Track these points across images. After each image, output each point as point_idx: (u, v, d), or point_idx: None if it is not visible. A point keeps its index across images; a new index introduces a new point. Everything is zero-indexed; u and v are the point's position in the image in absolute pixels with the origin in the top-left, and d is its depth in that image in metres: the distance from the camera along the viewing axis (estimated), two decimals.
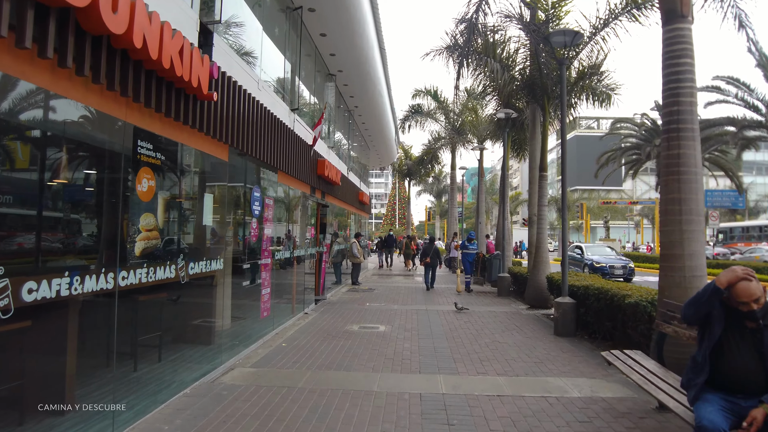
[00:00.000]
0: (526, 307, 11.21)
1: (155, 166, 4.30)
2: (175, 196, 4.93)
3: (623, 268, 18.59)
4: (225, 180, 6.05)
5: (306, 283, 10.73)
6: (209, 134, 5.16)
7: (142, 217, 4.13)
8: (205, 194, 5.38)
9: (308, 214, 10.55)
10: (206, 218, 5.35)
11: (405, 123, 27.24)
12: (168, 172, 4.73)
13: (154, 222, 4.28)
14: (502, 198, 15.85)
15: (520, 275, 12.93)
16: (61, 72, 3.18)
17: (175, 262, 4.63)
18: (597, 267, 18.59)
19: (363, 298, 12.54)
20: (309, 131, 10.05)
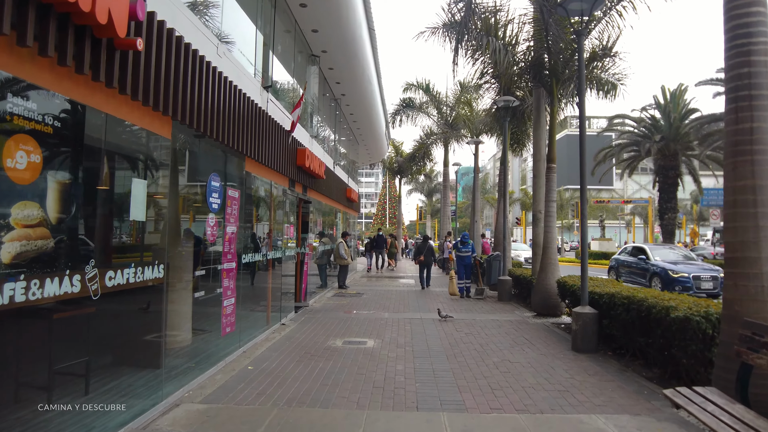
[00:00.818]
0: (533, 314, 10.01)
1: (43, 136, 3.00)
2: (88, 181, 3.63)
3: (713, 281, 12.97)
4: (168, 164, 4.75)
5: (285, 289, 9.44)
6: (139, 100, 3.87)
7: (17, 206, 2.83)
8: (134, 180, 4.07)
9: (287, 211, 9.27)
10: (136, 212, 4.04)
11: (396, 117, 26.03)
12: (70, 147, 3.43)
13: (39, 214, 2.98)
14: (503, 192, 14.65)
15: (522, 278, 11.74)
16: None
17: (82, 270, 3.33)
18: (674, 278, 13.13)
19: (350, 304, 11.27)
20: (287, 115, 8.77)
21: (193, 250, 5.52)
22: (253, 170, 7.02)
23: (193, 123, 4.77)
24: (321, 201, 12.53)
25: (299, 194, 10.04)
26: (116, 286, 3.74)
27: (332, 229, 15.08)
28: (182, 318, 5.63)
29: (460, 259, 12.89)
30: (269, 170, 7.65)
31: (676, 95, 28.37)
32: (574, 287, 7.93)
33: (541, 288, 9.71)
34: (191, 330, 5.76)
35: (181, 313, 5.55)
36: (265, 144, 7.19)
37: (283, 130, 8.27)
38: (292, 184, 9.28)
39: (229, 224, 6.08)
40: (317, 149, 11.60)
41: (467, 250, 12.79)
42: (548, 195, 9.94)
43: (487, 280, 12.98)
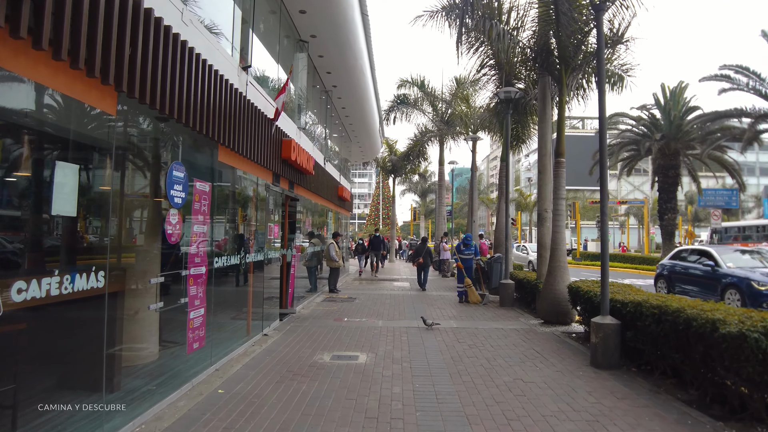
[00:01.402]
0: (539, 321, 9.20)
1: None
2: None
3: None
4: (112, 145, 3.87)
5: (269, 295, 8.57)
6: (64, 60, 3.00)
7: None
8: (59, 165, 3.19)
9: (270, 209, 8.39)
10: (61, 205, 3.16)
11: (390, 114, 25.17)
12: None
13: None
14: (504, 191, 13.84)
15: (526, 282, 10.93)
16: None
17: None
18: (761, 293, 10.04)
19: (341, 310, 10.40)
20: (270, 102, 7.90)
21: (160, 253, 4.65)
22: (229, 161, 6.14)
23: (145, 98, 3.89)
24: (310, 199, 11.66)
25: (285, 191, 9.17)
26: (29, 301, 2.86)
27: (323, 230, 14.21)
28: (145, 331, 4.78)
29: (462, 262, 12.08)
30: (248, 162, 6.78)
31: (676, 93, 27.77)
32: (590, 294, 7.12)
33: (549, 293, 8.90)
34: (158, 343, 4.91)
35: (143, 325, 4.70)
36: (244, 132, 6.32)
37: (266, 118, 7.40)
38: (277, 179, 8.41)
39: (197, 223, 5.21)
40: (306, 143, 10.74)
41: (470, 252, 12.02)
42: (557, 192, 9.13)
43: (489, 284, 12.16)
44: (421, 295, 13.30)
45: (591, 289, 7.24)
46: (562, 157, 9.22)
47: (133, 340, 4.58)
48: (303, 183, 10.25)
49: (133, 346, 4.67)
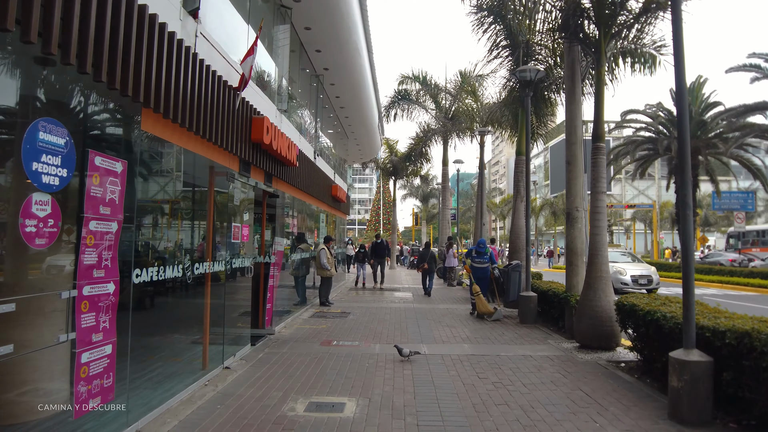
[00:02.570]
0: (574, 345, 7.43)
1: None
2: None
3: None
4: None
5: (237, 313, 6.82)
6: None
7: None
8: None
9: (237, 205, 6.65)
10: None
11: (390, 111, 23.48)
12: None
13: None
14: (525, 186, 12.07)
15: (552, 295, 9.16)
16: None
17: None
18: None
19: (330, 329, 8.62)
20: (234, 67, 6.18)
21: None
22: (163, 132, 4.40)
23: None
24: (295, 196, 9.90)
25: (259, 184, 7.43)
26: None
27: (314, 234, 12.45)
28: (45, 370, 3.13)
29: (474, 271, 10.51)
30: (197, 139, 5.04)
31: (694, 88, 26.06)
32: (654, 315, 5.35)
33: (587, 311, 7.11)
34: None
35: (42, 363, 3.05)
36: (190, 97, 4.59)
37: (227, 86, 5.67)
38: (246, 168, 6.66)
39: (98, 217, 3.46)
40: (289, 129, 9.01)
41: (484, 261, 10.45)
42: (596, 184, 7.38)
43: (506, 297, 10.37)
44: (426, 308, 11.53)
45: (655, 309, 5.47)
46: (602, 141, 7.48)
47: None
48: (285, 177, 8.51)
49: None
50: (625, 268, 16.27)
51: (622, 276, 15.75)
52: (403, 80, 23.42)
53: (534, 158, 75.92)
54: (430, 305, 12.12)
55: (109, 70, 3.40)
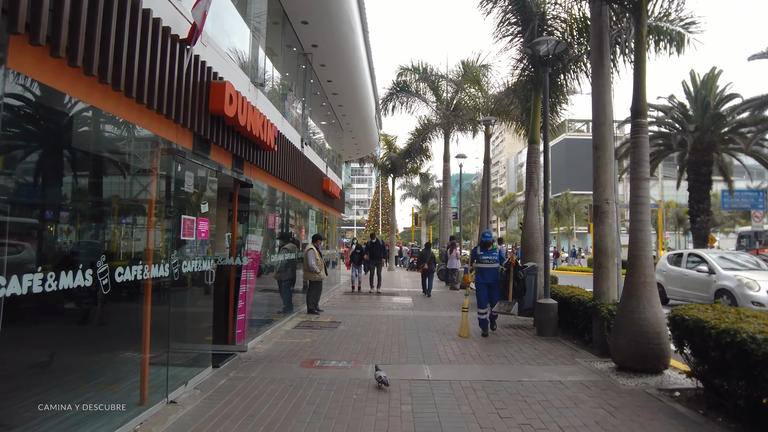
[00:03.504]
0: (610, 366, 6.08)
1: None
2: None
3: None
4: None
5: (195, 328, 5.49)
6: None
7: None
8: None
9: (193, 194, 5.29)
10: None
11: (388, 104, 22.20)
12: None
13: None
14: (542, 173, 10.70)
15: (576, 303, 7.81)
16: None
17: None
18: None
19: (315, 344, 7.26)
20: (183, 14, 4.83)
21: None
22: (52, 78, 3.05)
23: None
24: (276, 188, 8.53)
25: (225, 169, 6.08)
26: None
27: (301, 232, 11.09)
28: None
29: (480, 274, 8.35)
30: (120, 98, 3.69)
31: (708, 80, 24.77)
32: (739, 337, 3.99)
33: (629, 324, 5.75)
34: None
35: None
36: (102, 33, 3.26)
37: (169, 35, 4.33)
38: (204, 147, 5.32)
39: None
40: (267, 107, 7.67)
41: (492, 258, 8.20)
42: (637, 169, 6.02)
43: (521, 304, 8.95)
44: (428, 316, 10.17)
45: (735, 327, 4.12)
46: (643, 116, 6.12)
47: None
48: (261, 163, 7.16)
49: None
50: (757, 280, 10.25)
51: (754, 292, 9.99)
52: (402, 72, 22.13)
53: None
54: (432, 312, 10.76)
55: None
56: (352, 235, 72.07)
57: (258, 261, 7.44)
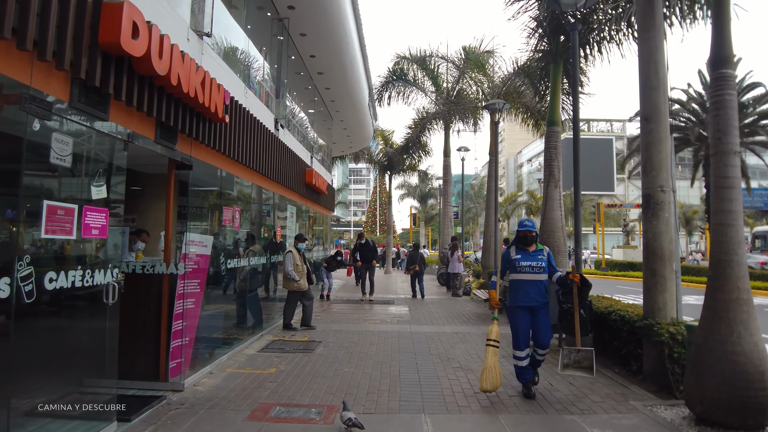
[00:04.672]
0: (685, 416, 4.34)
1: None
2: None
3: None
4: None
5: (75, 365, 3.75)
6: None
7: None
8: None
9: (65, 167, 3.54)
10: None
11: (383, 93, 20.51)
12: None
13: None
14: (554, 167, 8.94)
15: (617, 320, 6.06)
16: None
17: None
18: None
19: (280, 378, 5.49)
20: None
21: None
22: None
23: None
24: (234, 174, 6.74)
25: (143, 139, 4.33)
26: None
27: (277, 233, 9.32)
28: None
29: (517, 291, 5.07)
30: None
31: None
32: None
33: (717, 360, 4.00)
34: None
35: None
36: None
37: None
38: (94, 101, 3.56)
39: None
40: (216, 66, 5.93)
41: (537, 264, 5.02)
42: (722, 140, 4.26)
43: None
44: (428, 333, 8.42)
45: None
46: (729, 66, 4.38)
47: None
48: (210, 139, 5.43)
49: None
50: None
51: None
52: (399, 60, 20.44)
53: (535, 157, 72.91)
54: (432, 327, 9.01)
55: None
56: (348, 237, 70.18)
57: (206, 268, 5.69)
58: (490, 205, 14.00)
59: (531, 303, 4.99)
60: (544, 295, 5.05)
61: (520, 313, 5.04)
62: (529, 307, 4.99)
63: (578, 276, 5.00)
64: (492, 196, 13.68)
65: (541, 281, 5.03)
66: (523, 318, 5.02)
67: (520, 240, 5.16)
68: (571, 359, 4.88)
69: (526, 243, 5.12)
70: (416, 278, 13.87)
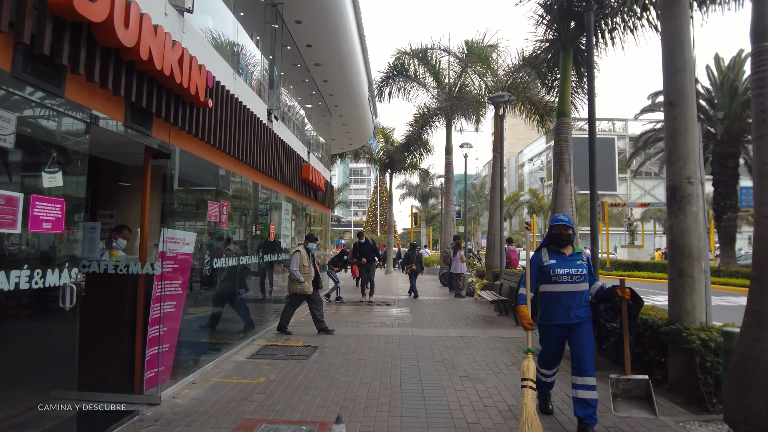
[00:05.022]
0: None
1: None
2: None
3: None
4: None
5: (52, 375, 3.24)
6: None
7: None
8: None
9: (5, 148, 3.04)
10: None
11: (383, 88, 20.01)
12: None
13: None
14: (565, 160, 8.43)
15: (640, 324, 5.53)
16: None
17: None
18: None
19: (268, 389, 4.98)
20: None
21: None
22: None
23: None
24: (221, 165, 6.23)
25: (108, 121, 3.83)
26: None
27: (269, 229, 8.81)
28: None
29: (551, 304, 4.08)
30: None
31: (734, 64, 22.57)
32: None
33: (766, 370, 3.50)
34: None
35: None
36: None
37: None
38: (44, 74, 3.06)
39: None
40: (198, 45, 5.43)
41: (577, 272, 3.99)
42: (765, 121, 3.76)
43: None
44: (432, 337, 7.91)
45: None
46: None
47: None
48: (193, 126, 4.93)
49: None
50: None
51: None
52: (399, 56, 19.95)
53: (536, 157, 72.37)
54: (435, 330, 8.50)
55: None
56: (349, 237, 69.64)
57: (188, 267, 5.18)
58: (495, 202, 13.49)
59: (571, 320, 3.97)
60: (587, 309, 4.05)
61: (555, 333, 4.09)
62: (566, 326, 4.01)
63: (629, 291, 3.99)
64: (497, 193, 13.17)
65: (581, 292, 4.02)
66: (554, 336, 4.11)
67: (554, 240, 4.13)
68: (620, 388, 3.92)
69: (561, 244, 4.10)
70: (413, 277, 13.98)
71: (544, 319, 4.15)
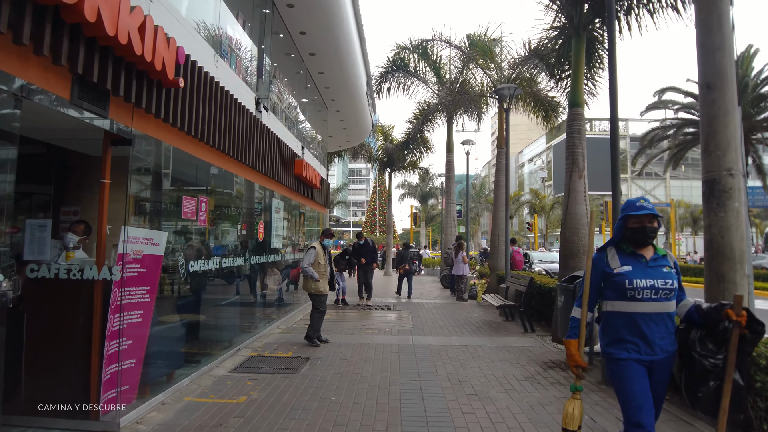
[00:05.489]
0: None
1: None
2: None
3: None
4: None
5: None
6: None
7: None
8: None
9: None
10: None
11: (382, 84, 19.36)
12: None
13: None
14: (578, 154, 7.76)
15: None
16: None
17: None
18: None
19: (247, 412, 4.33)
20: None
21: None
22: None
23: None
24: (198, 156, 5.57)
25: (49, 97, 3.18)
26: None
27: (258, 228, 8.14)
28: None
29: (630, 327, 2.73)
30: None
31: (743, 61, 21.95)
32: None
33: None
34: None
35: None
36: None
37: None
38: None
39: None
40: (172, 20, 4.79)
41: (665, 284, 2.72)
42: None
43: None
44: (434, 346, 7.26)
45: None
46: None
47: None
48: (162, 110, 4.29)
49: None
50: None
51: None
52: (398, 51, 19.31)
53: (536, 157, 71.79)
54: (438, 338, 7.86)
55: None
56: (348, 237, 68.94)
57: (157, 271, 4.53)
58: (500, 201, 12.86)
59: (656, 355, 2.71)
60: (674, 339, 2.79)
61: (636, 370, 2.70)
62: (650, 361, 2.72)
63: (745, 313, 2.58)
64: (502, 191, 12.53)
65: (668, 314, 2.76)
66: (640, 377, 2.70)
67: (632, 236, 2.85)
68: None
69: (642, 242, 2.84)
70: (405, 277, 13.68)
71: (617, 351, 2.76)
